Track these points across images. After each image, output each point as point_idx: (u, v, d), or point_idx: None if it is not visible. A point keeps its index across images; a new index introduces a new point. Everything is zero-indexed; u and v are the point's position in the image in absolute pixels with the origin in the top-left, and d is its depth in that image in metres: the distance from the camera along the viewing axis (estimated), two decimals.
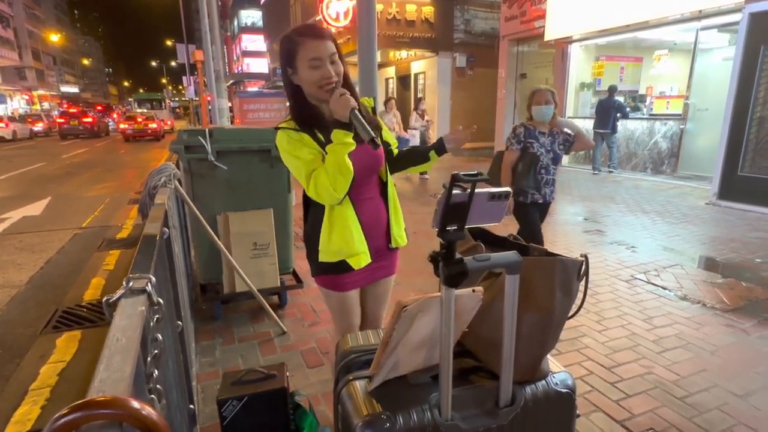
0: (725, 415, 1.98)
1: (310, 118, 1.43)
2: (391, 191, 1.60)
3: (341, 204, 1.47)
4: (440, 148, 1.56)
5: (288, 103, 1.56)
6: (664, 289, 3.35)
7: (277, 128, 1.47)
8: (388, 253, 1.63)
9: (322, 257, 1.52)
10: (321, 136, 1.42)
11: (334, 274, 1.55)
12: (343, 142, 1.34)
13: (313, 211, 1.54)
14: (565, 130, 2.99)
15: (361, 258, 1.52)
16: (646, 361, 2.41)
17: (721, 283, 3.44)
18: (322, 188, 1.36)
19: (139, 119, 21.51)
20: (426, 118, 8.78)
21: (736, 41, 6.10)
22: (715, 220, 5.37)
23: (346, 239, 1.48)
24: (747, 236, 4.67)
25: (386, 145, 1.62)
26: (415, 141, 8.47)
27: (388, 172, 1.59)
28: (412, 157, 1.65)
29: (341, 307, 1.63)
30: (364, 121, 1.29)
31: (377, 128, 1.53)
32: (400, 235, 1.63)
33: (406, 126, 8.96)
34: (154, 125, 21.35)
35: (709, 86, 7.57)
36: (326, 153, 1.37)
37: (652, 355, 2.46)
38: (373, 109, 1.62)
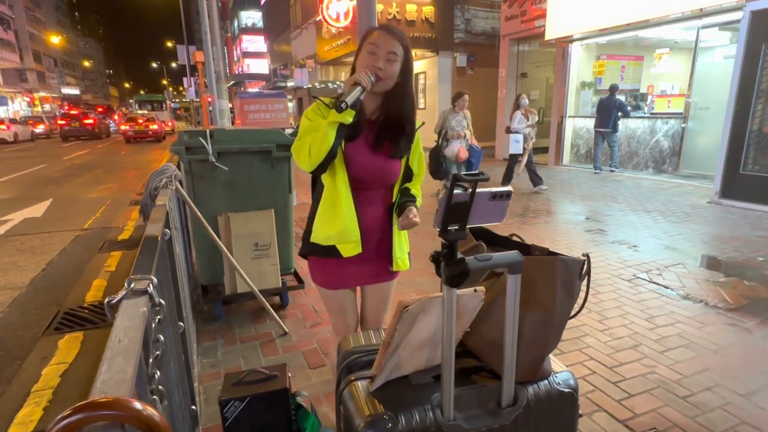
0: (728, 415, 1.97)
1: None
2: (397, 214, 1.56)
3: (340, 191, 1.47)
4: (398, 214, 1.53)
5: (291, 104, 1.58)
6: (667, 288, 3.35)
7: (315, 97, 1.51)
8: (383, 266, 1.61)
9: (313, 237, 1.53)
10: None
11: (322, 257, 1.55)
12: (334, 113, 1.34)
13: (317, 191, 1.55)
14: None
15: (350, 247, 1.50)
16: (648, 360, 2.41)
17: (723, 282, 3.43)
18: (303, 147, 1.39)
19: (140, 121, 21.55)
20: (532, 117, 6.77)
21: (737, 39, 6.09)
22: (717, 218, 5.36)
23: (336, 224, 1.48)
24: (749, 235, 4.66)
25: (408, 169, 1.58)
26: (518, 147, 6.71)
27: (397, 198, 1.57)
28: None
29: (335, 305, 1.65)
30: (353, 95, 1.31)
31: (400, 150, 1.51)
32: (402, 258, 1.60)
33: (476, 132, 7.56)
34: (155, 126, 21.40)
35: (710, 85, 7.56)
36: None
37: (654, 355, 2.46)
38: (416, 129, 1.56)
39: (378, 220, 1.55)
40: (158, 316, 0.93)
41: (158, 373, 0.85)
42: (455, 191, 0.92)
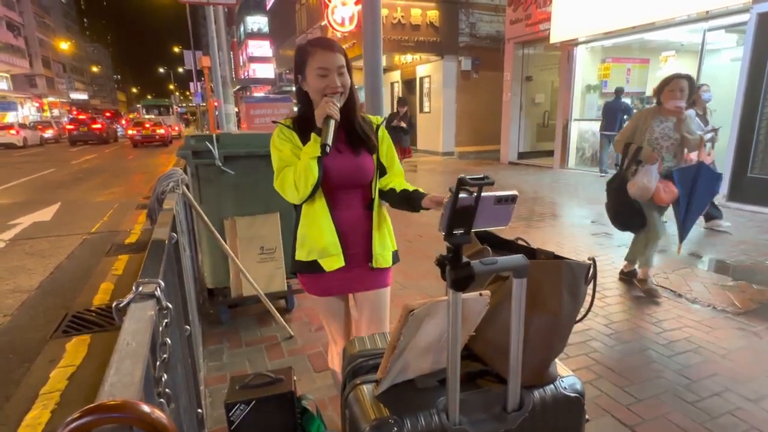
0: (737, 420, 1.95)
1: (309, 123, 1.47)
2: (378, 210, 1.60)
3: (315, 205, 1.51)
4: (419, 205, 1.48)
5: (296, 108, 1.61)
6: (674, 292, 3.32)
7: (275, 122, 1.56)
8: (369, 269, 1.60)
9: (297, 255, 1.57)
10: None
11: (307, 272, 1.57)
12: (312, 146, 1.40)
13: (296, 210, 1.59)
14: None
15: (333, 260, 1.53)
16: (656, 365, 2.39)
17: (731, 286, 3.40)
18: (287, 184, 1.44)
19: (147, 125, 21.75)
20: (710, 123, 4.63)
21: (744, 42, 6.05)
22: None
23: (316, 240, 1.52)
24: (757, 238, 4.62)
25: (381, 166, 1.61)
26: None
27: (377, 191, 1.59)
28: (405, 201, 1.54)
29: (326, 312, 1.67)
30: (330, 132, 1.36)
31: (369, 146, 1.55)
32: (383, 255, 1.60)
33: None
34: (161, 131, 21.58)
35: (717, 87, 7.49)
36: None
37: (662, 359, 2.43)
38: (378, 126, 1.62)
39: (358, 222, 1.57)
40: (165, 320, 0.93)
41: (165, 376, 0.85)
42: (460, 195, 0.92)
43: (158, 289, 0.88)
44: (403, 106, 7.10)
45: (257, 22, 32.49)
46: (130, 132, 22.00)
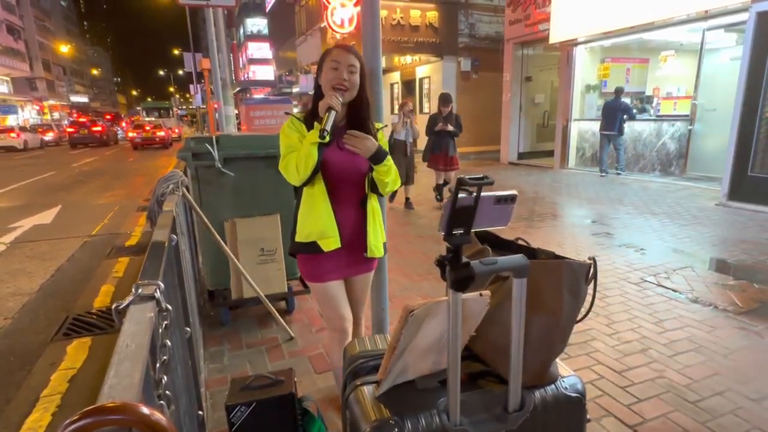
0: (739, 420, 1.94)
1: (317, 114, 1.62)
2: (371, 206, 1.75)
3: (315, 190, 1.65)
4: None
5: (296, 110, 1.69)
6: (675, 291, 3.31)
7: (287, 113, 1.73)
8: (362, 256, 1.76)
9: (297, 237, 1.70)
10: None
11: (305, 253, 1.71)
12: (314, 133, 1.55)
13: (298, 195, 1.73)
14: None
15: (330, 242, 1.65)
16: (657, 364, 2.38)
17: (732, 285, 3.40)
18: (290, 166, 1.59)
19: (148, 127, 21.79)
20: None
21: (743, 41, 6.05)
22: (725, 221, 5.31)
23: (315, 222, 1.65)
24: (758, 237, 4.61)
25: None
26: None
27: (368, 188, 1.73)
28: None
29: (324, 297, 1.77)
30: (330, 121, 1.52)
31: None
32: (377, 246, 1.76)
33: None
34: (161, 133, 21.62)
35: (717, 86, 7.51)
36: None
37: (663, 359, 2.43)
38: (378, 130, 1.76)
39: (354, 216, 1.72)
40: (165, 322, 0.93)
41: (165, 378, 0.85)
42: (460, 195, 0.92)
43: (158, 290, 0.88)
44: (446, 105, 6.04)
45: (257, 24, 32.54)
46: (130, 134, 22.06)
